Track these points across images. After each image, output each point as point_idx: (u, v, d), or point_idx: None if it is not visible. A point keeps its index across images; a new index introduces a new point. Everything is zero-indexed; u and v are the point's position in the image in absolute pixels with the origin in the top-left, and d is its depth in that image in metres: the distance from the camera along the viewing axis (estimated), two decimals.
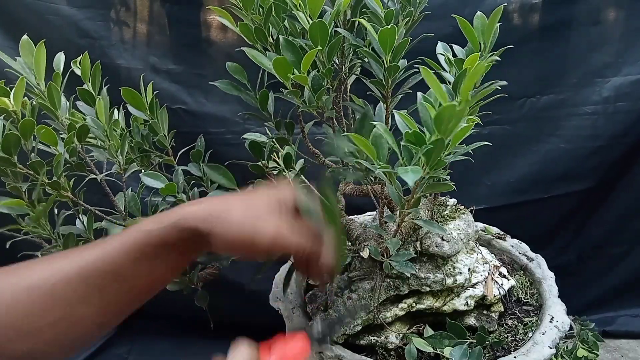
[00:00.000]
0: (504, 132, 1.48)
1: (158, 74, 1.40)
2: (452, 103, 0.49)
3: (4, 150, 0.67)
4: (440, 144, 0.52)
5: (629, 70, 1.41)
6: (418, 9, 0.77)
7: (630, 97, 1.42)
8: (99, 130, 0.76)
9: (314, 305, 0.88)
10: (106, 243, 0.47)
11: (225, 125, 1.45)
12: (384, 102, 0.78)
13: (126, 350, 1.62)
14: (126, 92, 0.77)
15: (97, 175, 0.79)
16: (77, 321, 0.45)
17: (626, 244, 1.63)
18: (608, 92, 1.43)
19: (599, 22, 1.40)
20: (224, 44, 1.42)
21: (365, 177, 0.74)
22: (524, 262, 1.02)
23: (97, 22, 1.34)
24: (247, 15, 0.73)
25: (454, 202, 0.97)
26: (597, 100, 1.44)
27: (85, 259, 0.46)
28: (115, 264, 0.46)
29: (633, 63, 1.41)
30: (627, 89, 1.42)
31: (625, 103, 1.43)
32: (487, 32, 0.72)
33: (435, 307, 0.84)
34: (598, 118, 1.45)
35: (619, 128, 1.45)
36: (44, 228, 0.74)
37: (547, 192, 1.54)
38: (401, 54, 0.70)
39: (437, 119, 0.50)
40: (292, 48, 0.66)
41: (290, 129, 0.87)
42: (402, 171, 0.50)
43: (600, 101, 1.44)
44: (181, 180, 0.82)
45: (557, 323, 0.83)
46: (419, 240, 0.84)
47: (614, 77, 1.42)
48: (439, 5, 1.30)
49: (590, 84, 1.44)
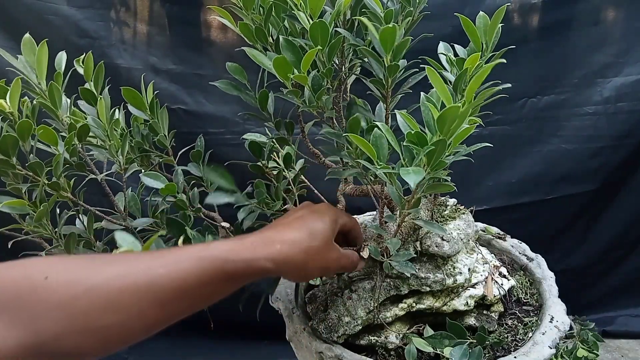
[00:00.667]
0: (504, 132, 1.48)
1: (158, 74, 1.40)
2: (456, 105, 0.49)
3: (1, 152, 0.67)
4: (442, 145, 0.52)
5: (630, 70, 1.41)
6: (418, 9, 0.77)
7: (632, 97, 1.42)
8: (100, 129, 0.76)
9: (314, 305, 0.88)
10: (181, 258, 0.48)
11: (225, 125, 1.45)
12: (383, 102, 0.78)
13: (126, 350, 1.62)
14: (127, 91, 0.77)
15: (97, 175, 0.79)
16: (130, 329, 0.46)
17: (627, 245, 1.63)
18: (609, 92, 1.43)
19: (599, 22, 1.40)
20: (224, 44, 1.42)
21: (365, 176, 0.74)
22: (524, 262, 1.02)
23: (97, 22, 1.34)
24: (247, 15, 0.73)
25: (454, 202, 0.97)
26: (598, 101, 1.43)
27: (158, 273, 0.46)
28: (186, 285, 0.47)
29: (634, 63, 1.41)
30: (628, 89, 1.41)
31: (627, 103, 1.42)
32: (490, 32, 0.72)
33: (435, 307, 0.84)
34: (599, 118, 1.44)
35: (621, 128, 1.44)
36: (46, 228, 0.74)
37: (548, 193, 1.53)
38: (402, 54, 0.70)
39: (440, 120, 0.50)
40: (292, 48, 0.66)
41: (290, 129, 0.87)
42: (404, 172, 0.50)
43: (602, 101, 1.43)
44: (181, 180, 0.82)
45: (557, 323, 0.83)
46: (419, 240, 0.84)
47: (615, 77, 1.42)
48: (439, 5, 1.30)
49: (591, 84, 1.43)
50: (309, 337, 0.83)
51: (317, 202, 0.97)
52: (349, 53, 0.78)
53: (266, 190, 0.80)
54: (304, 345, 0.84)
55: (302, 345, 0.85)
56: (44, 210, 0.71)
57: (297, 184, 0.87)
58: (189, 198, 0.79)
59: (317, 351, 0.80)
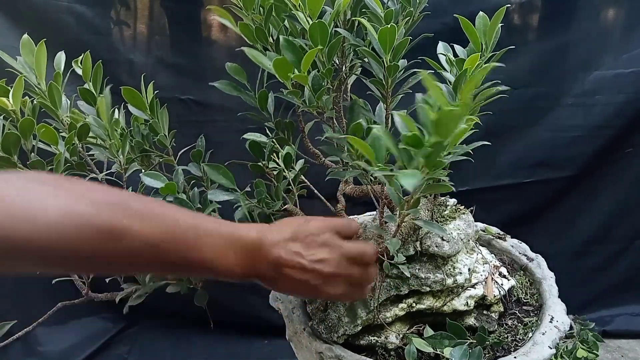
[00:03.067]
0: (489, 120, 1.52)
1: (158, 72, 1.40)
2: (452, 108, 0.48)
3: (3, 149, 0.67)
4: (439, 147, 0.52)
5: (612, 64, 1.46)
6: (418, 9, 0.77)
7: (609, 90, 1.47)
8: (101, 129, 0.76)
9: (314, 305, 0.88)
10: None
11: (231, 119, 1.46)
12: (383, 102, 0.78)
13: (126, 350, 1.62)
14: (127, 91, 0.77)
15: (98, 175, 0.79)
16: (75, 262, 0.45)
17: (622, 241, 1.64)
18: (589, 85, 1.48)
19: (586, 18, 1.44)
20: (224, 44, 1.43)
21: (365, 176, 0.74)
22: (524, 262, 1.01)
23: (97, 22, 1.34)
24: (247, 15, 0.73)
25: (454, 202, 0.97)
26: (578, 93, 1.49)
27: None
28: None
29: (616, 58, 1.45)
30: (607, 83, 1.47)
31: (604, 96, 1.47)
32: (489, 32, 0.72)
33: (435, 307, 0.84)
34: (577, 109, 1.50)
35: (597, 119, 1.51)
36: None
37: (528, 177, 1.59)
38: (401, 54, 0.70)
39: (437, 122, 0.50)
40: (292, 48, 0.66)
41: (290, 129, 0.87)
42: (402, 175, 0.50)
43: (581, 94, 1.49)
44: (181, 180, 0.82)
45: (557, 323, 0.83)
46: (419, 240, 0.84)
47: (596, 71, 1.47)
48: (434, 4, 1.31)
49: (574, 78, 1.48)
50: (309, 337, 0.83)
51: (317, 201, 0.97)
52: (349, 53, 0.78)
53: (266, 190, 0.81)
54: (304, 345, 0.84)
55: (302, 345, 0.85)
56: None
57: (297, 184, 0.87)
58: (188, 198, 0.80)
59: (317, 351, 0.80)
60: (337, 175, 0.77)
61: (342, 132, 0.78)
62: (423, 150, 0.52)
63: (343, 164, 0.82)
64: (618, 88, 1.47)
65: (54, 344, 1.55)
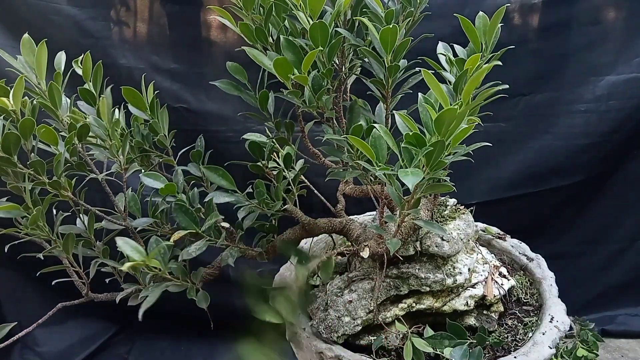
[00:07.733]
0: (498, 129, 1.50)
1: (158, 73, 1.40)
2: (453, 107, 0.49)
3: (3, 149, 0.67)
4: (440, 146, 0.52)
5: (623, 69, 1.43)
6: (418, 9, 0.77)
7: (623, 95, 1.45)
8: (101, 129, 0.76)
9: (314, 306, 0.88)
10: None
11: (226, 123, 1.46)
12: (384, 102, 0.78)
13: (126, 350, 1.62)
14: (127, 91, 0.77)
15: (98, 175, 0.79)
16: None
17: (622, 241, 1.64)
18: (601, 91, 1.45)
19: (596, 22, 1.43)
20: (224, 44, 1.43)
21: (365, 176, 0.74)
22: (524, 262, 1.02)
23: (97, 22, 1.34)
24: (247, 15, 0.73)
25: (454, 202, 0.97)
26: (590, 99, 1.46)
27: None
28: None
29: (627, 62, 1.43)
30: (619, 88, 1.44)
31: (617, 101, 1.45)
32: (489, 32, 0.72)
33: (435, 307, 0.84)
34: (591, 116, 1.47)
35: (611, 125, 1.49)
36: (43, 230, 0.74)
37: (537, 186, 1.57)
38: (402, 54, 0.70)
39: (438, 121, 0.50)
40: (292, 48, 0.66)
41: (290, 129, 0.87)
42: (403, 174, 0.50)
43: (593, 99, 1.46)
44: (181, 180, 0.82)
45: (557, 323, 0.83)
46: (419, 240, 0.84)
47: (607, 76, 1.44)
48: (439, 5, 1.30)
49: (584, 83, 1.46)
50: (309, 337, 0.83)
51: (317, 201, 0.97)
52: (349, 53, 0.78)
53: (266, 190, 0.80)
54: (304, 345, 0.84)
55: (302, 345, 0.85)
56: (38, 214, 0.70)
57: (297, 184, 0.87)
58: (188, 198, 0.79)
59: (317, 351, 0.80)
60: (337, 175, 0.77)
61: (342, 132, 0.78)
62: (424, 149, 0.52)
63: (343, 164, 0.82)
64: (630, 93, 1.44)
65: (52, 344, 1.55)
